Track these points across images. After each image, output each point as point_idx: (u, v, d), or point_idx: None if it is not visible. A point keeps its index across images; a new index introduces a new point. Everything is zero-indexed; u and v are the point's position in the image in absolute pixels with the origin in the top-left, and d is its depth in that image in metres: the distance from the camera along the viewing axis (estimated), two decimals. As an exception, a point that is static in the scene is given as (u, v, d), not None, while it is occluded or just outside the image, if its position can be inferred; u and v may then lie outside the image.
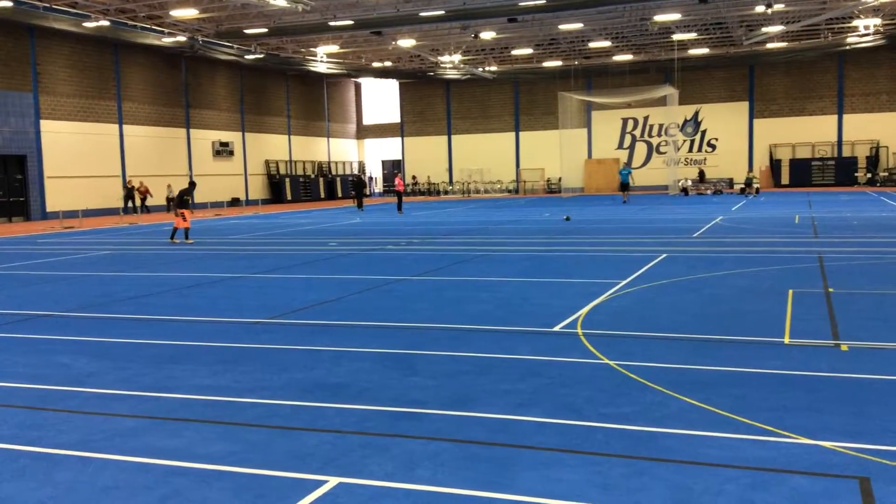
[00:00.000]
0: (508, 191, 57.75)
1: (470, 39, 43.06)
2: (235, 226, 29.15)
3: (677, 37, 44.22)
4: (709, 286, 11.94)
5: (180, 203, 22.12)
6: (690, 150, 54.01)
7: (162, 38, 38.98)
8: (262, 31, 38.88)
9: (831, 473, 4.73)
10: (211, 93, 47.41)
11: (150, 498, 4.64)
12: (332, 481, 4.78)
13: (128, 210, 38.68)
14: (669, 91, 46.83)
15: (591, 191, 54.15)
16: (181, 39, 39.40)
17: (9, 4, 31.61)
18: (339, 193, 56.12)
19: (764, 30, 41.84)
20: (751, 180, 43.03)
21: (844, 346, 7.88)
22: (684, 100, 49.73)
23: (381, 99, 62.43)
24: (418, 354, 8.09)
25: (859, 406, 6.01)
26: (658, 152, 54.45)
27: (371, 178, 61.77)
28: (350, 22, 37.04)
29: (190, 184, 23.32)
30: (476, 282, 13.14)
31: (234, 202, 47.76)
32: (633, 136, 55.50)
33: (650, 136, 55.01)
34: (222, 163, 47.89)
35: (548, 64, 52.35)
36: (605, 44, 46.32)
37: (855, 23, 41.52)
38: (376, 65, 52.05)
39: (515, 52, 49.09)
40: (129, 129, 41.31)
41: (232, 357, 8.22)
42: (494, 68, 53.48)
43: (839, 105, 50.59)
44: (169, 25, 38.32)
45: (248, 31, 39.00)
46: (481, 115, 58.80)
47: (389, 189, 59.09)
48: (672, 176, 48.37)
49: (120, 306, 11.64)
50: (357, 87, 62.74)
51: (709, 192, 46.44)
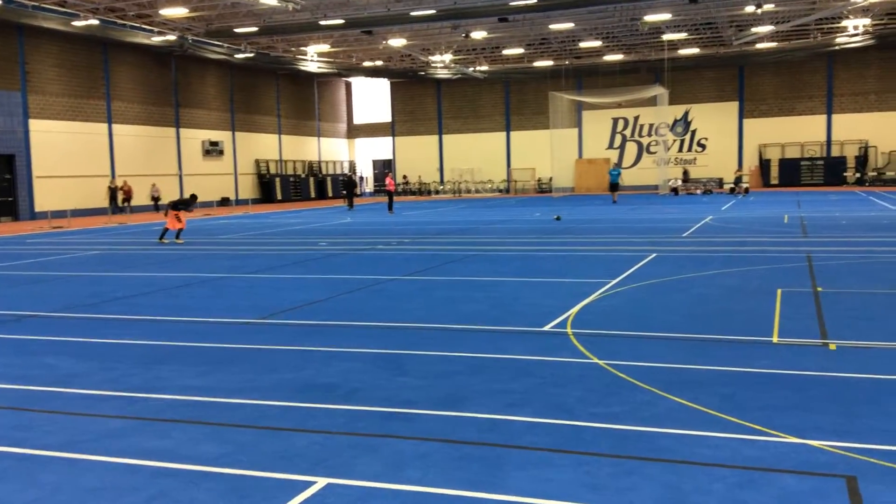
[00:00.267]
0: (499, 190, 57.77)
1: (461, 39, 43.06)
2: (225, 226, 29.04)
3: (667, 37, 44.33)
4: (698, 286, 11.97)
5: (174, 207, 21.92)
6: (680, 149, 54.15)
7: (151, 37, 38.83)
8: (253, 31, 38.78)
9: (819, 472, 4.75)
10: (201, 92, 47.25)
11: (136, 499, 4.61)
12: (321, 482, 4.76)
13: (116, 210, 38.52)
14: (659, 91, 46.93)
15: (581, 191, 54.22)
16: (171, 38, 39.25)
17: (-3, 3, 31.45)
18: (330, 193, 56.01)
19: (754, 30, 41.99)
20: (740, 178, 43.19)
21: (832, 346, 7.91)
22: (674, 100, 49.85)
23: (371, 98, 62.33)
24: (409, 354, 8.07)
25: (847, 405, 6.03)
26: (648, 152, 54.56)
27: (361, 178, 61.68)
28: (340, 21, 36.97)
29: (191, 196, 22.94)
30: (467, 282, 13.14)
31: (224, 202, 47.61)
32: (623, 135, 55.60)
33: (640, 135, 55.12)
34: (212, 162, 47.74)
35: (538, 64, 52.40)
36: (596, 44, 46.39)
37: (844, 23, 41.71)
38: (367, 64, 51.99)
39: (506, 52, 49.11)
40: (119, 129, 41.11)
41: (221, 357, 8.19)
42: (485, 68, 53.49)
43: (828, 105, 50.81)
44: (158, 24, 38.16)
45: (238, 30, 38.90)
46: (472, 114, 58.80)
47: (380, 189, 59.01)
48: (662, 176, 48.49)
49: (108, 306, 11.58)
50: (348, 86, 62.64)
51: (698, 191, 46.60)
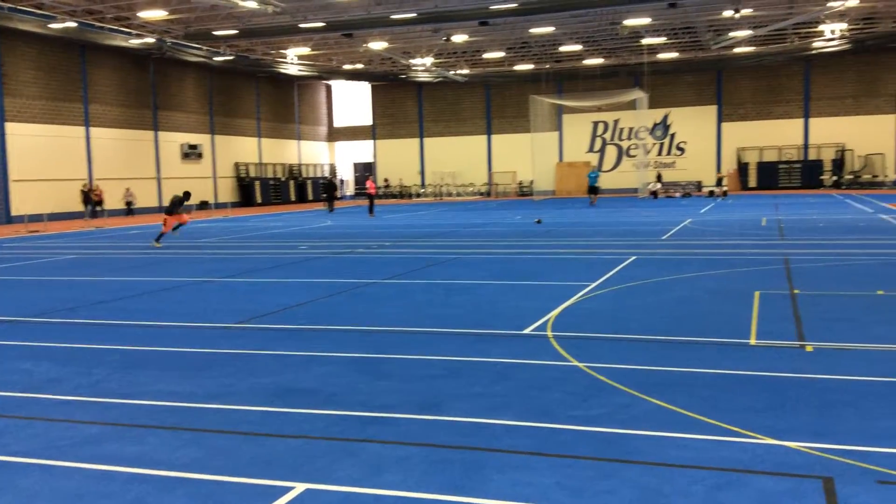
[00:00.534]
0: (480, 193, 57.84)
1: (442, 42, 43.08)
2: (204, 229, 28.86)
3: (647, 41, 44.61)
4: (677, 288, 12.04)
5: (170, 208, 22.53)
6: (660, 153, 54.50)
7: (129, 40, 38.52)
8: (232, 33, 38.59)
9: (796, 473, 4.78)
10: (179, 95, 46.94)
11: (112, 506, 4.56)
12: (299, 487, 4.73)
13: (95, 214, 38.13)
14: (639, 95, 47.24)
15: (562, 194, 54.41)
16: (149, 41, 38.97)
17: (-28, 5, 31.10)
18: (310, 196, 55.83)
19: (732, 34, 42.34)
20: (720, 180, 43.55)
21: (809, 347, 7.98)
22: (654, 103, 50.17)
23: (352, 101, 62.24)
24: (388, 358, 8.05)
25: (823, 407, 6.09)
26: (628, 155, 54.85)
27: (342, 181, 61.52)
28: (321, 24, 36.89)
29: (184, 193, 23.45)
30: (447, 285, 13.13)
31: (203, 205, 47.27)
32: (603, 139, 55.89)
33: (620, 139, 55.42)
34: (191, 165, 47.42)
35: (519, 67, 52.56)
36: (576, 48, 46.60)
37: (821, 28, 42.14)
38: (347, 67, 51.89)
39: (487, 56, 49.21)
40: (96, 132, 40.74)
41: (199, 362, 8.13)
42: (466, 71, 53.57)
43: (805, 109, 51.36)
44: (137, 27, 37.89)
45: (217, 33, 38.69)
46: (453, 117, 58.85)
47: (361, 192, 58.90)
48: (642, 179, 48.78)
49: (86, 311, 11.46)
50: (328, 89, 62.50)
51: (678, 194, 46.92)
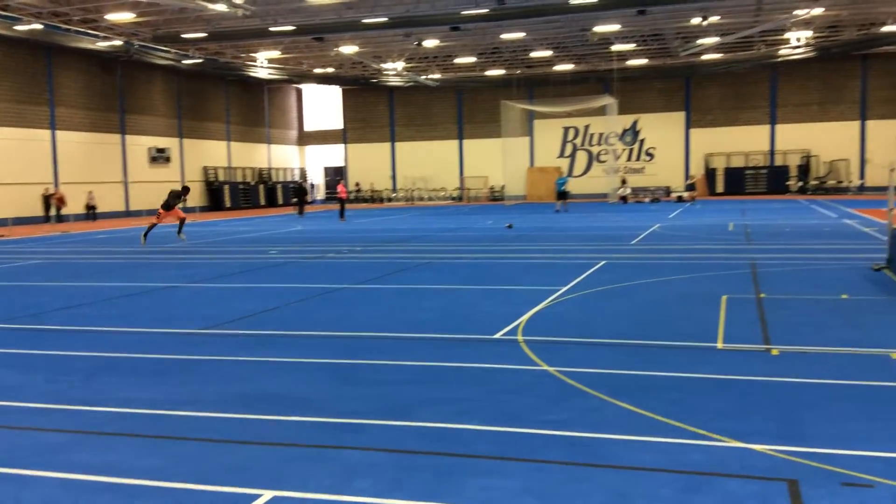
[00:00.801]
0: (452, 198, 57.90)
1: (413, 47, 43.11)
2: (172, 234, 28.53)
3: (616, 48, 45.01)
4: (646, 292, 12.15)
5: (170, 202, 22.52)
6: (629, 158, 54.98)
7: (97, 42, 38.03)
8: (201, 36, 38.26)
9: (762, 476, 4.84)
10: (147, 98, 46.44)
11: (76, 516, 4.49)
12: (267, 495, 4.69)
13: (61, 219, 37.55)
14: (609, 101, 47.64)
15: (533, 199, 54.64)
16: (117, 43, 38.53)
17: (-66, 5, 30.53)
18: (280, 200, 55.50)
19: (700, 41, 42.89)
20: (693, 185, 44.07)
21: (775, 351, 8.09)
22: (623, 109, 50.61)
23: (323, 105, 62.03)
24: (358, 364, 8.02)
25: (789, 410, 6.17)
26: (598, 161, 55.27)
27: (313, 186, 61.25)
28: (291, 27, 36.71)
29: (183, 188, 24.24)
30: (418, 290, 13.12)
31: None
32: (574, 144, 56.26)
33: (591, 144, 55.83)
34: (159, 169, 46.91)
35: (491, 73, 52.74)
36: (547, 53, 46.89)
37: (787, 35, 42.86)
38: (318, 71, 51.71)
39: (459, 61, 49.32)
40: (62, 135, 40.16)
41: (166, 369, 8.04)
42: (438, 76, 53.64)
43: (772, 115, 52.14)
44: (104, 29, 37.43)
45: (185, 36, 38.34)
46: (425, 122, 58.88)
47: (332, 196, 58.66)
48: (612, 184, 49.18)
49: (51, 317, 11.27)
50: (298, 93, 62.23)
51: (647, 199, 47.36)
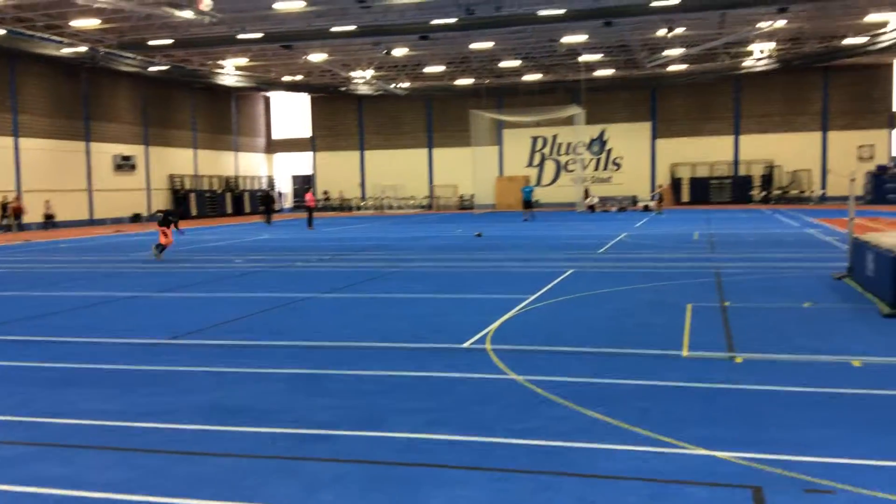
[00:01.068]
0: (422, 207, 57.90)
1: (382, 56, 43.10)
2: (137, 242, 28.16)
3: (584, 58, 45.41)
4: (613, 301, 12.24)
5: (164, 221, 22.12)
6: (597, 168, 55.45)
7: (61, 49, 37.47)
8: (168, 43, 37.87)
9: (727, 483, 4.90)
10: (112, 105, 45.83)
11: (36, 531, 4.40)
12: (233, 507, 4.64)
13: (21, 227, 36.84)
14: (577, 111, 48.02)
15: (502, 207, 54.80)
16: (81, 50, 37.99)
17: None
18: (248, 209, 55.03)
19: (665, 53, 43.47)
20: (661, 195, 44.57)
21: (739, 359, 8.20)
22: (591, 119, 51.04)
23: (291, 113, 61.70)
24: (326, 374, 7.97)
25: (753, 417, 6.25)
26: (566, 170, 55.65)
27: (280, 194, 60.85)
28: (259, 35, 36.51)
29: (178, 211, 23.96)
30: (386, 299, 13.09)
31: (136, 218, 46.13)
32: (542, 154, 56.60)
33: (559, 154, 56.21)
34: (124, 177, 46.28)
35: (460, 82, 52.91)
36: (515, 63, 47.16)
37: (751, 47, 43.60)
38: (286, 79, 51.46)
39: (428, 70, 49.40)
40: (25, 143, 39.47)
41: (129, 380, 7.92)
42: (407, 85, 53.67)
43: (736, 126, 52.95)
44: (69, 35, 36.88)
45: (152, 43, 37.90)
46: (394, 130, 58.86)
47: (300, 204, 58.32)
48: (579, 193, 49.55)
49: (11, 328, 11.05)
50: (266, 100, 61.85)
51: (614, 209, 47.82)
